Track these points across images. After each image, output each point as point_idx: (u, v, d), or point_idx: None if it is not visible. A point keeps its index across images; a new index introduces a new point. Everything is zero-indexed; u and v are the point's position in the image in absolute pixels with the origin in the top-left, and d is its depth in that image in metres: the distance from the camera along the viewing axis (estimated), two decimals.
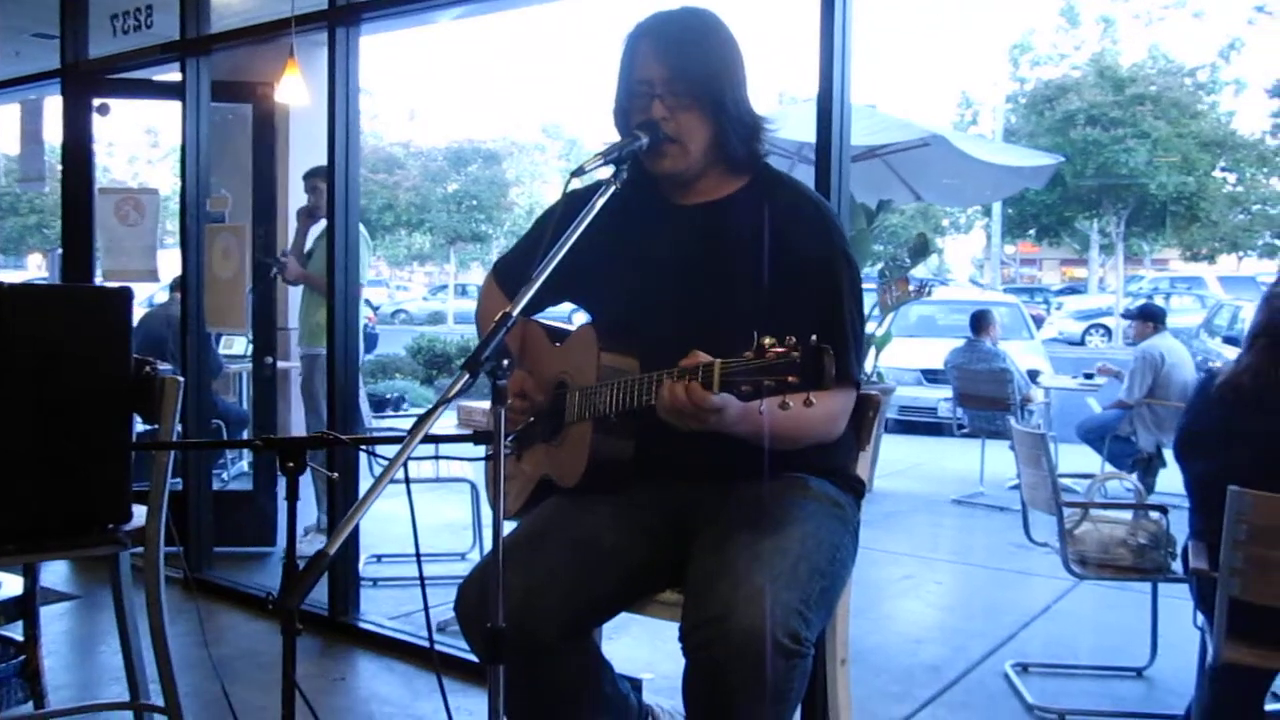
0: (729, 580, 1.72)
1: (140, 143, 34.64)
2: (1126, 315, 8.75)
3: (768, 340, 1.50)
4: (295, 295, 7.71)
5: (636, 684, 2.17)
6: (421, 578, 1.74)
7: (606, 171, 1.86)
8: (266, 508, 5.40)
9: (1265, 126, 25.72)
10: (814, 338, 1.48)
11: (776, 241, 1.91)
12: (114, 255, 5.28)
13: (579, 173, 1.83)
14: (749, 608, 1.67)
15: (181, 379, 2.53)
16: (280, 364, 7.68)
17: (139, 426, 2.89)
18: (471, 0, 3.96)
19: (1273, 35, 31.09)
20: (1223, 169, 26.18)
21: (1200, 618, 2.86)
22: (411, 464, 1.60)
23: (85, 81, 5.23)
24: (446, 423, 1.66)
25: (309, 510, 5.20)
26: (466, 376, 1.57)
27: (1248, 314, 13.49)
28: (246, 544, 5.19)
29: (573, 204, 1.85)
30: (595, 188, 1.86)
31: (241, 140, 5.98)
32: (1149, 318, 7.51)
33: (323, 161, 4.08)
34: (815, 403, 1.51)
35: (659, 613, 2.01)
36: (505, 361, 1.58)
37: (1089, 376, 8.39)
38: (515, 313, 1.65)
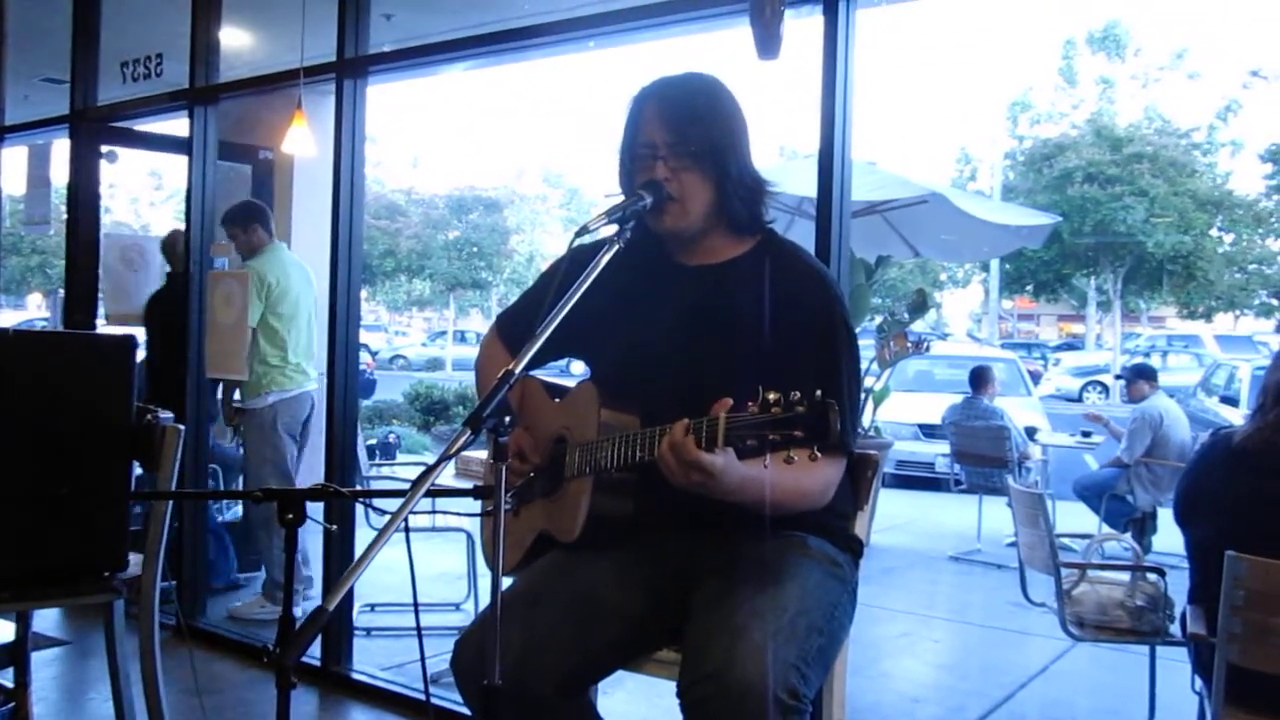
0: (727, 636, 1.72)
1: (143, 185, 34.87)
2: (1121, 377, 8.77)
3: (772, 395, 1.51)
4: None
5: None
6: (419, 630, 1.73)
7: (611, 230, 1.88)
8: (254, 537, 5.41)
9: (1261, 188, 25.93)
10: (819, 393, 1.49)
11: (777, 307, 1.92)
12: (118, 299, 5.31)
13: (584, 231, 1.85)
14: (747, 663, 1.67)
15: (182, 427, 2.53)
16: None
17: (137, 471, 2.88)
18: (478, 55, 4.00)
19: (1267, 99, 31.40)
20: (1219, 228, 26.35)
21: (1199, 682, 2.84)
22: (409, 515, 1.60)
23: (94, 128, 5.28)
24: (445, 473, 1.67)
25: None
26: (469, 433, 1.58)
27: (1244, 373, 13.54)
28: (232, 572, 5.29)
29: (577, 261, 1.87)
30: (599, 245, 1.88)
31: (244, 191, 6.03)
32: (1144, 376, 7.53)
33: (325, 208, 4.10)
34: (819, 459, 1.51)
35: (656, 671, 2.01)
36: (507, 419, 1.59)
37: (1086, 434, 8.40)
38: (518, 370, 1.65)
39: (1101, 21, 27.67)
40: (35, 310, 32.85)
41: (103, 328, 5.96)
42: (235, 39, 5.20)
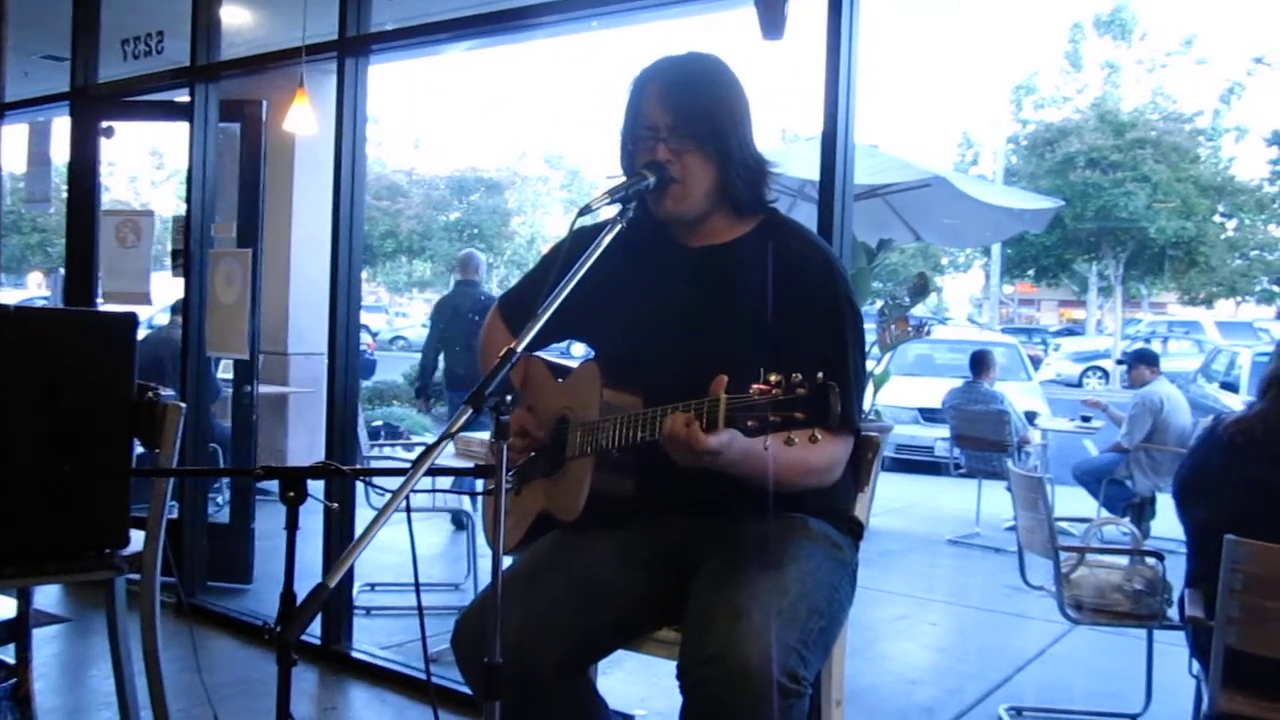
0: (728, 618, 1.72)
1: (143, 164, 34.75)
2: (1122, 362, 8.77)
3: (774, 377, 1.51)
4: (297, 318, 7.76)
5: None
6: (420, 610, 1.74)
7: (613, 210, 1.88)
8: (242, 543, 4.95)
9: (1264, 173, 25.87)
10: (820, 375, 1.49)
11: (781, 286, 1.92)
12: (113, 277, 5.27)
13: (586, 211, 1.84)
14: (748, 646, 1.67)
15: (183, 405, 2.53)
16: (279, 389, 7.70)
17: (137, 449, 2.88)
18: (480, 34, 3.98)
19: (1272, 84, 31.30)
20: (1222, 214, 26.33)
21: (1196, 666, 2.85)
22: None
23: (94, 105, 5.26)
24: (444, 453, 1.67)
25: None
26: (470, 411, 1.58)
27: (1245, 359, 13.54)
28: (219, 579, 4.83)
29: (579, 242, 1.87)
30: (602, 226, 1.88)
31: (231, 153, 5.95)
32: (1145, 361, 7.53)
33: (328, 186, 4.09)
34: (820, 439, 1.52)
35: (656, 650, 2.01)
36: (509, 397, 1.59)
37: (1085, 419, 8.40)
38: (519, 349, 1.65)
39: (1109, 5, 27.55)
40: (35, 289, 32.84)
41: (102, 306, 5.95)
42: (236, 16, 5.17)
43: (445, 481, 4.50)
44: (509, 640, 1.68)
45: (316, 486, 1.71)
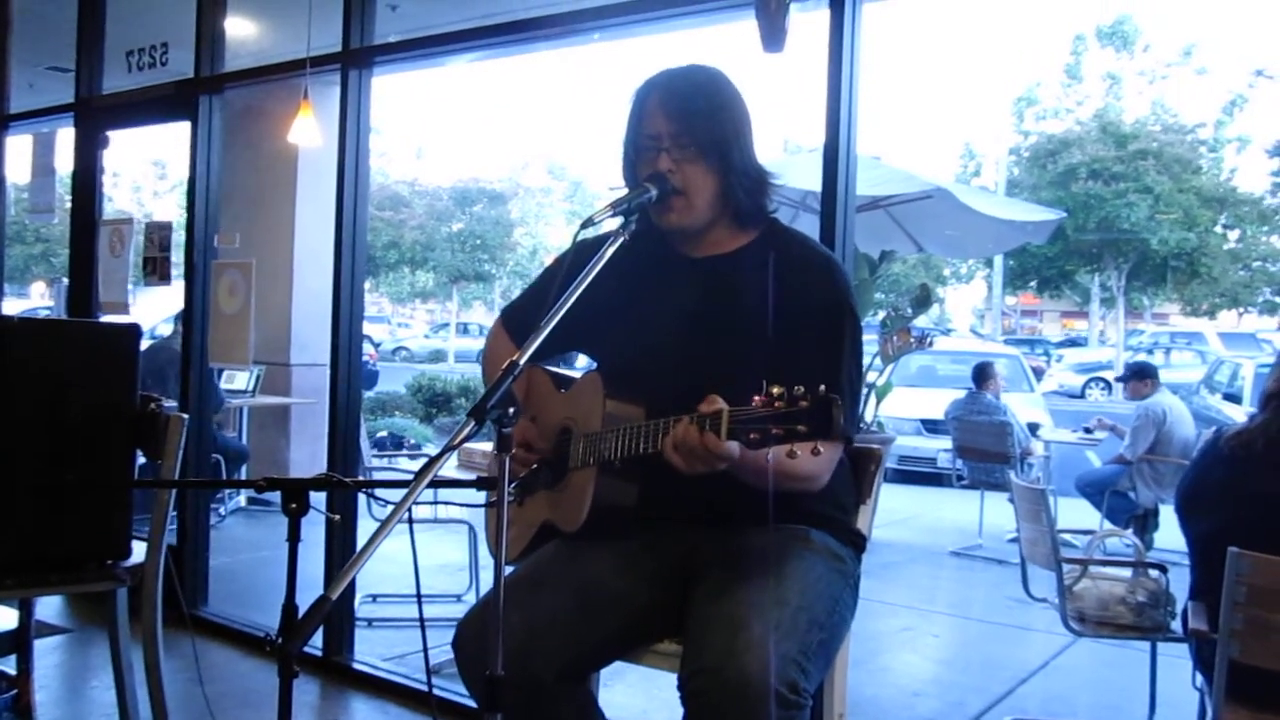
0: (728, 629, 1.73)
1: (146, 174, 34.83)
2: (1122, 378, 8.75)
3: (776, 389, 1.51)
4: (299, 328, 7.77)
5: None
6: (422, 622, 1.74)
7: (616, 223, 1.88)
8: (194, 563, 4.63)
9: (1266, 185, 25.87)
10: (823, 387, 1.49)
11: (783, 295, 1.92)
12: (106, 286, 5.26)
13: (589, 223, 1.84)
14: (748, 657, 1.67)
15: (185, 416, 2.53)
16: (282, 400, 7.71)
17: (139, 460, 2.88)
18: (483, 46, 3.99)
19: (1273, 96, 31.32)
20: (1224, 225, 26.33)
21: (1200, 679, 2.84)
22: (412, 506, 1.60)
23: (98, 116, 5.27)
24: (447, 465, 1.67)
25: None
26: (473, 424, 1.58)
27: (1248, 371, 13.53)
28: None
29: (582, 254, 1.87)
30: (604, 238, 1.88)
31: (250, 174, 5.94)
32: (1145, 375, 7.52)
33: (330, 198, 4.10)
34: (822, 451, 1.52)
35: (656, 663, 2.01)
36: (511, 409, 1.59)
37: (1088, 430, 8.39)
38: (522, 361, 1.66)
39: (1111, 16, 27.62)
40: (39, 299, 32.86)
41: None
42: (241, 28, 5.18)
43: (450, 493, 4.50)
44: (510, 646, 1.68)
45: (318, 498, 1.71)
